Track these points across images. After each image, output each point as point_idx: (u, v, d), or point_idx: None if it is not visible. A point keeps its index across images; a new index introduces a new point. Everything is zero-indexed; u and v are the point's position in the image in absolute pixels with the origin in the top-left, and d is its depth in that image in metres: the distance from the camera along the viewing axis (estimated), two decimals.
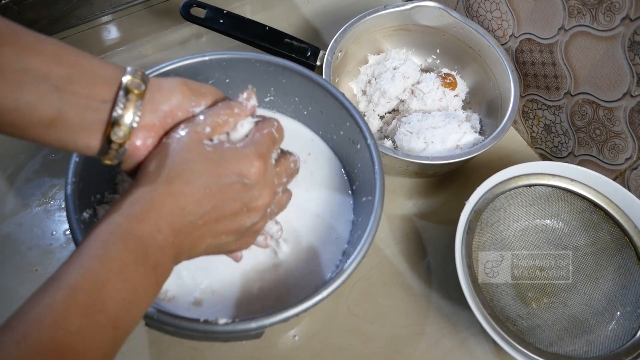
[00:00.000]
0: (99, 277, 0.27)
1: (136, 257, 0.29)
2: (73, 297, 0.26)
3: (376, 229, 0.43)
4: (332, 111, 0.51)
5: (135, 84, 0.32)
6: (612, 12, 0.48)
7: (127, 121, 0.31)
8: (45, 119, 0.30)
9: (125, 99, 0.31)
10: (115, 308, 0.28)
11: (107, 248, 0.28)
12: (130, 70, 0.32)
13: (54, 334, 0.25)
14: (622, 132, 0.52)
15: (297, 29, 0.71)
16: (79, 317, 0.26)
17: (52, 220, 0.54)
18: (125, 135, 0.32)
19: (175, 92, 0.34)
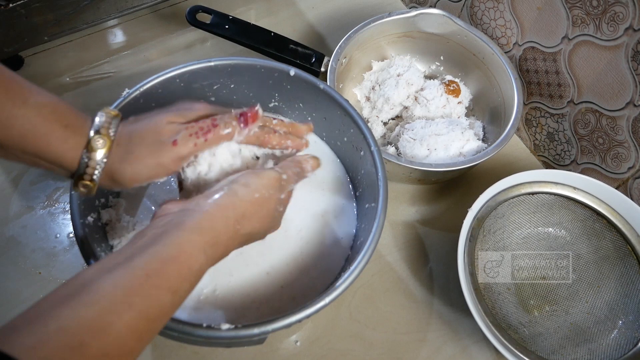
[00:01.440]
0: (164, 311, 0.30)
1: (205, 254, 0.33)
2: (136, 324, 0.28)
3: (379, 236, 0.43)
4: (336, 117, 0.51)
5: (100, 144, 0.34)
6: (615, 22, 0.49)
7: (93, 175, 0.35)
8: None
9: (89, 159, 0.34)
10: (158, 327, 0.30)
11: (181, 287, 0.31)
12: (98, 123, 0.35)
13: (108, 350, 0.26)
14: (625, 141, 0.52)
15: (302, 34, 0.71)
16: (134, 342, 0.28)
17: (56, 223, 0.54)
18: (92, 186, 0.35)
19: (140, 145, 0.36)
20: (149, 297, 0.28)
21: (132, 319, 0.27)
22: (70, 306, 0.26)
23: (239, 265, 0.46)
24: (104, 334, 0.26)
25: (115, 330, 0.26)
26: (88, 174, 0.34)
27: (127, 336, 0.26)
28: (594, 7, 0.50)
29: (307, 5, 0.74)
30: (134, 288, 0.28)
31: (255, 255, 0.47)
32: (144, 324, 0.28)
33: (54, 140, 0.33)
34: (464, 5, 0.66)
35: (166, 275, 0.29)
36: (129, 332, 0.27)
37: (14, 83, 0.33)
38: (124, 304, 0.27)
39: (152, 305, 0.28)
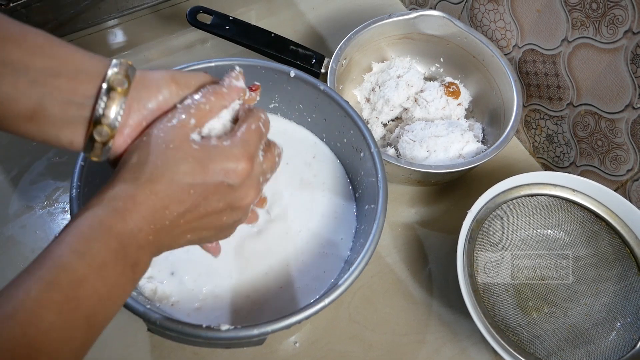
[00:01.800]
0: (78, 274, 0.27)
1: (116, 255, 0.28)
2: (48, 294, 0.26)
3: (378, 237, 0.44)
4: (336, 119, 0.51)
5: (118, 81, 0.30)
6: (615, 25, 0.49)
7: (110, 120, 0.30)
8: (25, 113, 0.29)
9: (108, 97, 0.30)
10: (91, 306, 0.27)
11: (88, 245, 0.28)
12: (115, 64, 0.31)
13: (26, 331, 0.24)
14: (624, 143, 0.52)
15: (302, 35, 0.71)
16: (53, 314, 0.25)
17: (56, 223, 0.54)
18: (108, 135, 0.31)
19: (162, 89, 0.33)
20: (55, 265, 0.27)
21: (42, 289, 0.26)
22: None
23: (238, 266, 0.46)
24: (16, 314, 0.25)
25: (26, 306, 0.25)
26: (106, 116, 0.30)
27: (39, 311, 0.25)
28: (594, 10, 0.50)
29: (308, 6, 0.74)
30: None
31: (254, 256, 0.47)
32: (56, 294, 0.26)
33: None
34: (464, 7, 0.66)
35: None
36: (40, 305, 0.25)
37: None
38: (31, 278, 0.26)
39: (60, 273, 0.26)
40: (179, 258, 0.45)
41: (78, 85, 0.30)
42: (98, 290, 0.27)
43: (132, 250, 0.29)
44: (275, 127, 0.48)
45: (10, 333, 0.24)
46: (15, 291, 0.25)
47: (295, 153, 0.54)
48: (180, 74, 0.34)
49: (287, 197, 0.51)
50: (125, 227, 0.29)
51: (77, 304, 0.26)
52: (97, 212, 0.29)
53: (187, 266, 0.45)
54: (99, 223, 0.28)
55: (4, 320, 0.24)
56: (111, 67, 0.31)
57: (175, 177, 0.30)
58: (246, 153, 0.33)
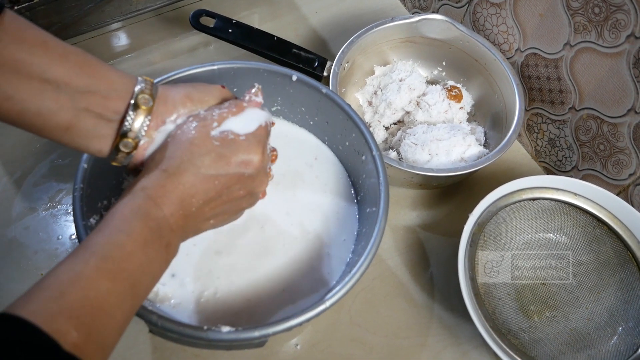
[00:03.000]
0: (126, 249, 0.31)
1: (154, 235, 0.33)
2: (103, 265, 0.30)
3: (380, 240, 0.44)
4: (338, 122, 0.51)
5: (144, 100, 0.35)
6: (617, 29, 0.49)
7: (135, 134, 0.35)
8: (62, 125, 0.33)
9: (135, 114, 0.35)
10: (136, 277, 0.31)
11: (132, 224, 0.32)
12: (141, 85, 0.35)
13: (88, 293, 0.28)
14: (626, 147, 0.52)
15: (305, 39, 0.72)
16: (108, 282, 0.29)
17: (59, 225, 0.54)
18: (132, 146, 0.36)
19: (178, 106, 0.37)
20: (107, 242, 0.31)
21: (98, 261, 0.30)
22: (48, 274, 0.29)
23: (239, 269, 0.46)
24: (78, 280, 0.28)
25: (85, 274, 0.29)
26: (133, 131, 0.35)
27: (97, 278, 0.29)
28: (596, 14, 0.50)
29: (311, 10, 0.75)
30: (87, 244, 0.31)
31: (255, 258, 0.47)
32: (110, 265, 0.30)
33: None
34: (466, 11, 0.66)
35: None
36: (98, 274, 0.29)
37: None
38: (86, 253, 0.30)
39: (112, 249, 0.31)
40: (179, 260, 0.45)
41: (110, 102, 0.34)
42: (142, 264, 0.32)
43: (166, 232, 0.33)
44: (278, 129, 0.49)
45: (75, 295, 0.28)
46: (73, 263, 0.30)
47: (298, 155, 0.54)
48: (196, 92, 0.38)
49: (289, 199, 0.51)
50: (159, 212, 0.33)
51: (127, 275, 0.31)
52: (135, 199, 0.33)
53: (188, 269, 0.45)
54: (137, 207, 0.33)
55: (69, 284, 0.28)
56: (138, 85, 0.35)
57: (200, 170, 0.35)
58: (260, 146, 0.37)
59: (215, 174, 0.35)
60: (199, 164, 0.35)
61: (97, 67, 0.34)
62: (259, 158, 0.37)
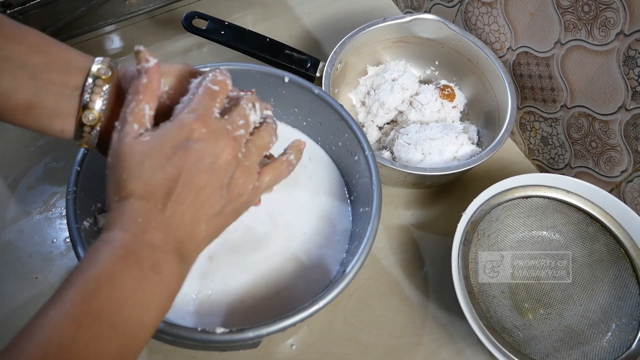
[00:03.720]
0: (88, 288, 0.28)
1: (125, 262, 0.29)
2: (63, 312, 0.27)
3: (373, 239, 0.44)
4: (331, 122, 0.51)
5: (102, 71, 0.34)
6: (607, 27, 0.49)
7: (96, 105, 0.34)
8: (22, 104, 0.33)
9: (94, 84, 0.33)
10: (112, 314, 0.28)
11: (95, 260, 0.29)
12: (99, 60, 0.34)
13: (47, 349, 0.26)
14: (618, 145, 0.53)
15: (298, 40, 0.72)
16: (71, 330, 0.26)
17: (53, 228, 0.54)
18: (96, 119, 0.34)
19: None
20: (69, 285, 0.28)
21: (55, 310, 0.27)
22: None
23: (234, 270, 0.46)
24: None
25: (44, 328, 0.26)
26: (92, 101, 0.33)
27: (62, 326, 0.27)
28: (586, 12, 0.50)
29: (303, 11, 0.75)
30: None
31: (250, 259, 0.47)
32: (72, 309, 0.27)
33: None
34: (458, 10, 0.67)
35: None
36: (64, 322, 0.27)
37: None
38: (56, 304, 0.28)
39: (74, 291, 0.28)
40: None
41: (69, 78, 0.33)
42: (116, 299, 0.28)
43: (145, 254, 0.30)
44: None
45: (28, 356, 0.25)
46: (39, 317, 0.27)
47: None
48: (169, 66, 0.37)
49: (282, 199, 0.51)
50: (127, 235, 0.30)
51: (97, 315, 0.27)
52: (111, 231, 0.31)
53: None
54: (107, 236, 0.30)
55: (28, 341, 0.26)
56: (95, 62, 0.34)
57: (142, 172, 0.31)
58: (192, 115, 0.32)
59: (160, 167, 0.31)
60: (139, 164, 0.32)
61: (54, 46, 0.34)
62: (196, 130, 0.32)
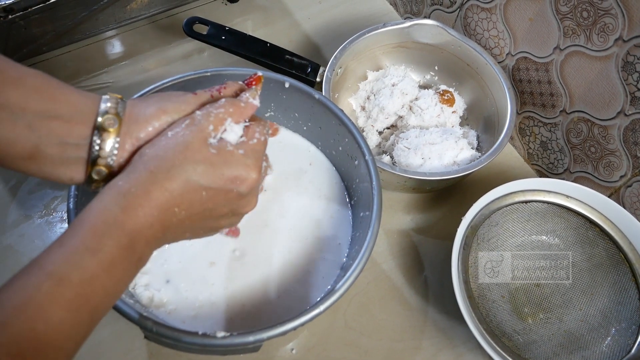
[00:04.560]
0: (89, 272, 0.27)
1: (125, 253, 0.29)
2: (58, 290, 0.26)
3: (373, 244, 0.44)
4: (331, 127, 0.52)
5: (109, 123, 0.32)
6: (605, 33, 0.49)
7: (105, 161, 0.32)
8: (23, 154, 0.31)
9: (101, 139, 0.32)
10: (97, 301, 0.28)
11: (101, 242, 0.28)
12: (105, 105, 0.32)
13: (35, 325, 0.25)
14: (617, 150, 0.53)
15: (298, 45, 0.72)
16: (63, 311, 0.26)
17: (54, 232, 0.54)
18: (106, 173, 0.32)
19: (152, 120, 0.33)
20: (67, 261, 0.27)
21: (52, 286, 0.26)
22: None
23: (234, 274, 0.47)
24: (26, 308, 0.25)
25: (35, 301, 0.25)
26: (102, 157, 0.32)
27: (49, 306, 0.26)
28: (585, 18, 0.51)
29: (303, 16, 0.75)
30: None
31: (250, 264, 0.48)
32: (66, 290, 0.26)
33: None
34: (457, 16, 0.67)
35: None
36: (51, 301, 0.26)
37: None
38: (41, 273, 0.26)
39: (71, 270, 0.27)
40: (174, 267, 0.46)
41: (73, 127, 0.31)
42: (105, 287, 0.28)
43: (140, 246, 0.30)
44: None
45: (19, 327, 0.25)
46: (25, 284, 0.26)
47: (292, 160, 0.54)
48: (170, 103, 0.34)
49: (283, 203, 0.51)
50: (137, 223, 0.30)
51: (85, 300, 0.27)
52: (111, 207, 0.29)
53: (182, 275, 0.45)
54: (113, 220, 0.29)
55: (14, 314, 0.25)
56: (101, 110, 0.32)
57: (191, 178, 0.31)
58: (257, 163, 0.34)
59: (206, 185, 0.32)
60: (191, 171, 0.31)
61: (56, 89, 0.31)
62: (254, 177, 0.34)
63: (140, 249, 0.30)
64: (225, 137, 0.34)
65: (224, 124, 0.34)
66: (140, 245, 0.30)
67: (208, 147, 0.32)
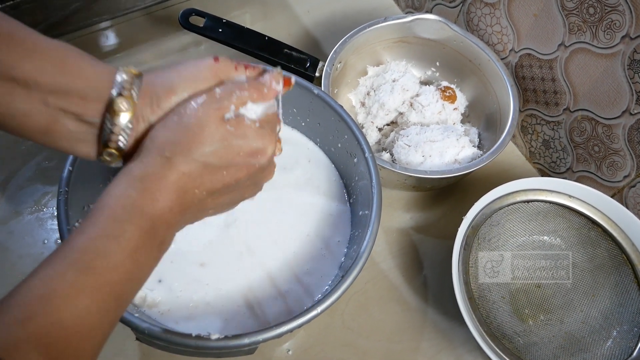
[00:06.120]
0: (113, 259, 0.27)
1: (147, 237, 0.29)
2: (84, 278, 0.26)
3: (372, 243, 0.43)
4: (330, 123, 0.50)
5: (124, 106, 0.30)
6: (612, 30, 0.48)
7: (117, 144, 0.31)
8: (39, 128, 0.30)
9: (111, 122, 0.30)
10: (122, 288, 0.28)
11: (122, 228, 0.28)
12: (121, 83, 0.30)
13: (61, 315, 0.24)
14: (621, 149, 0.52)
15: (297, 38, 0.71)
16: (87, 299, 0.26)
17: (44, 229, 0.53)
18: (117, 155, 0.32)
19: (162, 103, 0.32)
20: (89, 249, 0.27)
21: (76, 274, 0.26)
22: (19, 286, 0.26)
23: (230, 273, 0.45)
24: (51, 299, 0.25)
25: (60, 291, 0.25)
26: (113, 141, 0.31)
27: (75, 295, 0.25)
28: (591, 14, 0.50)
29: (303, 9, 0.74)
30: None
31: (247, 262, 0.46)
32: (91, 278, 0.26)
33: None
34: (460, 11, 0.66)
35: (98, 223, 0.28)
36: (76, 290, 0.25)
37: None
38: (64, 263, 0.26)
39: (94, 258, 0.27)
40: (165, 267, 0.45)
41: (87, 103, 0.30)
42: (129, 273, 0.28)
43: (162, 230, 0.30)
44: None
45: (46, 318, 0.24)
46: (49, 274, 0.26)
47: (290, 157, 0.53)
48: (181, 81, 0.33)
49: (280, 201, 0.50)
50: (156, 207, 0.29)
51: (110, 288, 0.27)
52: (129, 192, 0.29)
53: (175, 274, 0.44)
54: (131, 205, 0.29)
55: (39, 304, 0.24)
56: (117, 83, 0.31)
57: (209, 159, 0.31)
58: (273, 132, 0.34)
59: (225, 164, 0.32)
60: (208, 154, 0.31)
61: (73, 62, 0.30)
62: (272, 148, 0.34)
63: (162, 233, 0.30)
64: (243, 112, 0.33)
65: (245, 105, 0.33)
66: (162, 229, 0.30)
67: (225, 124, 0.32)
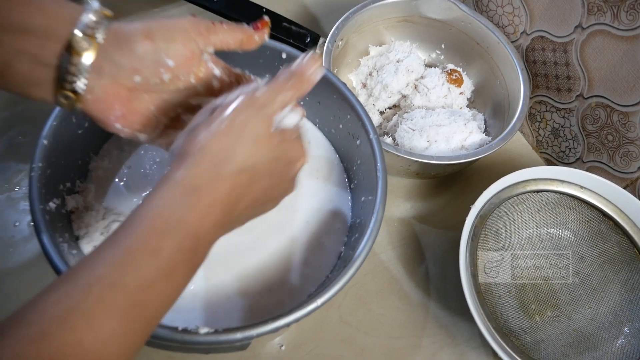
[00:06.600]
0: (147, 277, 0.24)
1: (187, 256, 0.26)
2: (112, 296, 0.23)
3: (377, 232, 0.40)
4: (331, 102, 0.47)
5: (82, 45, 0.28)
6: (636, 10, 0.45)
7: (73, 86, 0.29)
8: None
9: (69, 62, 0.28)
10: (154, 310, 0.25)
11: (162, 244, 0.25)
12: (85, 21, 0.28)
13: (83, 337, 0.22)
14: (637, 138, 0.49)
15: (295, 15, 0.67)
16: (114, 320, 0.23)
17: (16, 210, 0.48)
18: (74, 99, 0.29)
19: (135, 46, 0.30)
20: (123, 263, 0.24)
21: (104, 291, 0.23)
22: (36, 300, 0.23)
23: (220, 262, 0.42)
24: (72, 317, 0.22)
25: (84, 308, 0.22)
26: (69, 82, 0.29)
27: (100, 315, 0.22)
28: None
29: None
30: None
31: (238, 250, 0.43)
32: (120, 297, 0.23)
33: None
34: None
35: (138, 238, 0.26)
36: (102, 308, 0.22)
37: None
38: (91, 275, 0.23)
39: (127, 273, 0.24)
40: None
41: (45, 43, 0.28)
42: (163, 294, 0.25)
43: (203, 248, 0.28)
44: None
45: (63, 337, 0.21)
46: (70, 289, 0.23)
47: None
48: (159, 27, 0.31)
49: None
50: (204, 225, 0.27)
51: (141, 309, 0.24)
52: (175, 205, 0.26)
53: None
54: (176, 220, 0.26)
55: (57, 322, 0.22)
56: (81, 22, 0.28)
57: (258, 171, 0.30)
58: (304, 146, 0.34)
59: (269, 173, 0.31)
60: (259, 165, 0.30)
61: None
62: (305, 160, 0.34)
63: (202, 251, 0.28)
64: (285, 123, 0.32)
65: (287, 106, 0.31)
66: (204, 247, 0.28)
67: (273, 138, 0.30)
